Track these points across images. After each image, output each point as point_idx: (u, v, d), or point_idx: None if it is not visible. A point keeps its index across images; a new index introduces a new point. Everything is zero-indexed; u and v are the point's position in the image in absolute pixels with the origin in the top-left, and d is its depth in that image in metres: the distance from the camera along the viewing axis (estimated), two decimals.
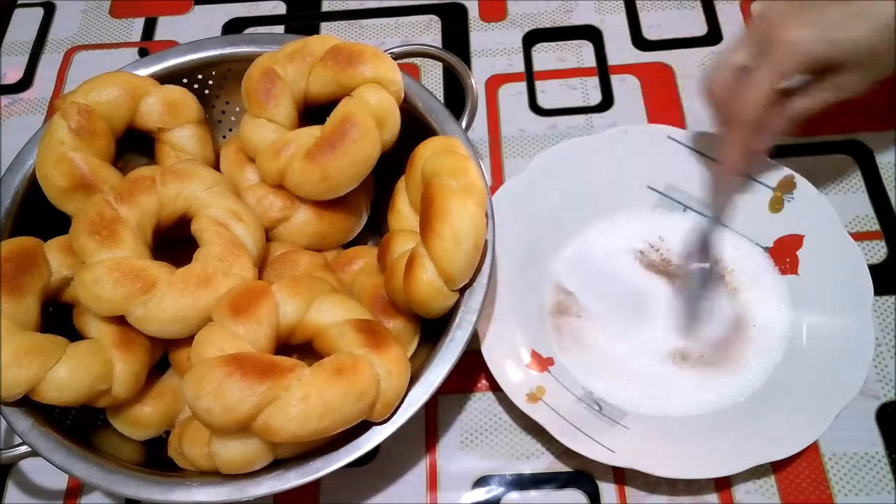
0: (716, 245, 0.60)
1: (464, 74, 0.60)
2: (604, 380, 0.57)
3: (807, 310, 0.58)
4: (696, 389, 0.57)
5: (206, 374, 0.44)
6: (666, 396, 0.57)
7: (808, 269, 0.59)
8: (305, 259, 0.56)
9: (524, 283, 0.60)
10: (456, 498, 0.56)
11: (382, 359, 0.47)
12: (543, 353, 0.58)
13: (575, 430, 0.53)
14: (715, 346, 0.58)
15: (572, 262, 0.62)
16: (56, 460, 0.48)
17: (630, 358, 0.58)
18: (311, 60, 0.57)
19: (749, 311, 0.59)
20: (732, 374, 0.57)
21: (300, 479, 0.47)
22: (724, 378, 0.57)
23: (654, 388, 0.57)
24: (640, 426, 0.55)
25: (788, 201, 0.61)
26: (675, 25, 0.76)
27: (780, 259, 0.60)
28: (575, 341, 0.59)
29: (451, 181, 0.50)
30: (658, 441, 0.54)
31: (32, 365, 0.47)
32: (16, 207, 0.57)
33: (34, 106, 0.78)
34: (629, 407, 0.56)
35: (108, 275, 0.49)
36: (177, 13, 0.83)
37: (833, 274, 0.58)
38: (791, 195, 0.60)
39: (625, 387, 0.57)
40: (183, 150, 0.59)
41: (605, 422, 0.55)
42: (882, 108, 0.68)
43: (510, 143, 0.71)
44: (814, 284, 0.58)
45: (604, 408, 0.56)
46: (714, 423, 0.55)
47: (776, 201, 0.61)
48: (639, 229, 0.63)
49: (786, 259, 0.60)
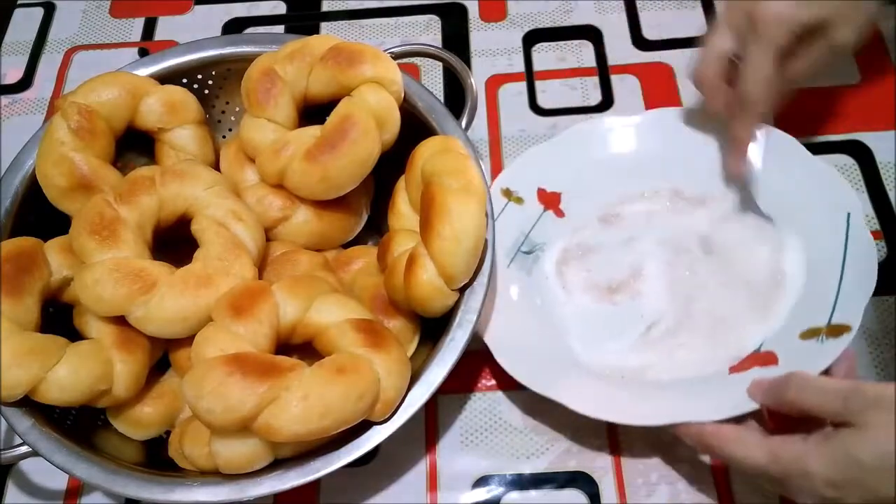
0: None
1: (464, 74, 0.60)
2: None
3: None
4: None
5: (206, 374, 0.44)
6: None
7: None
8: (305, 259, 0.56)
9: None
10: (456, 498, 0.56)
11: (382, 358, 0.47)
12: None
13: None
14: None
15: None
16: (57, 461, 0.48)
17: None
18: (311, 60, 0.57)
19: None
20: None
21: (300, 479, 0.47)
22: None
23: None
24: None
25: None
26: (675, 25, 0.76)
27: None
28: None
29: (451, 181, 0.50)
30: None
31: (33, 365, 0.47)
32: (16, 207, 0.57)
33: (34, 106, 0.78)
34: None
35: (109, 275, 0.49)
36: (177, 13, 0.83)
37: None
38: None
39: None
40: (183, 150, 0.59)
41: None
42: (882, 108, 0.68)
43: (510, 143, 0.71)
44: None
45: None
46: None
47: None
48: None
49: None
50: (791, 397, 0.45)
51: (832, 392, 0.43)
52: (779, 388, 0.46)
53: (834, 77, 0.70)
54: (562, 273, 0.61)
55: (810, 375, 0.46)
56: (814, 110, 0.69)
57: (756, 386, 0.49)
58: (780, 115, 0.68)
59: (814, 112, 0.68)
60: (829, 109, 0.69)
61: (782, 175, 0.60)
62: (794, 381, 0.45)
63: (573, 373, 0.55)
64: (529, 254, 0.62)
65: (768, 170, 0.60)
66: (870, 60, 0.71)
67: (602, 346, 0.57)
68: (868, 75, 0.70)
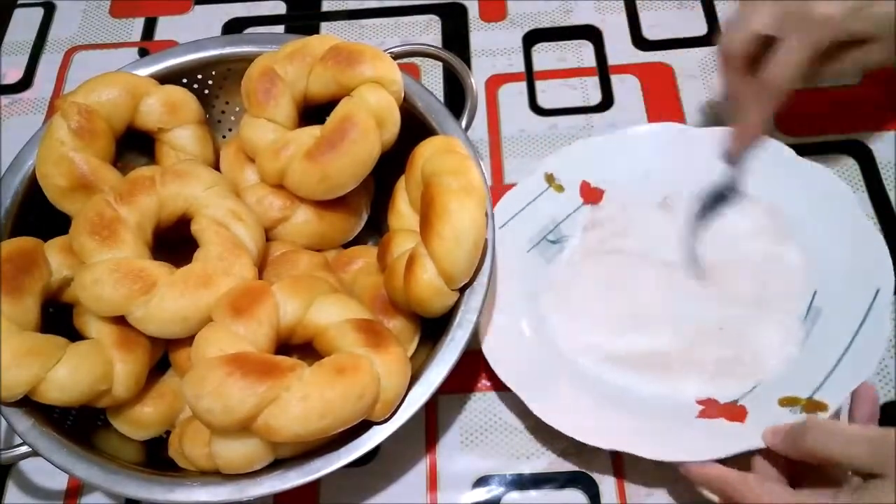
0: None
1: (464, 74, 0.60)
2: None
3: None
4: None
5: (206, 374, 0.44)
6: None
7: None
8: (305, 259, 0.56)
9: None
10: (456, 498, 0.56)
11: (383, 358, 0.47)
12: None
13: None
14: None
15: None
16: (56, 460, 0.48)
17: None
18: (311, 60, 0.57)
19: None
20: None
21: (300, 479, 0.47)
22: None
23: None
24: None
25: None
26: (675, 25, 0.76)
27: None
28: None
29: (450, 181, 0.50)
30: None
31: (33, 365, 0.47)
32: (16, 207, 0.57)
33: (34, 106, 0.78)
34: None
35: (109, 275, 0.49)
36: (177, 13, 0.83)
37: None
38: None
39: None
40: (183, 150, 0.59)
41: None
42: (882, 108, 0.68)
43: (510, 143, 0.71)
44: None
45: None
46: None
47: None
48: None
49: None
50: (810, 445, 0.43)
51: (858, 440, 0.41)
52: (797, 435, 0.44)
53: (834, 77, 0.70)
54: (579, 269, 0.61)
55: (831, 422, 0.45)
56: (814, 110, 0.69)
57: (773, 432, 0.47)
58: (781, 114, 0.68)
59: (814, 112, 0.68)
60: (829, 109, 0.69)
61: (824, 233, 0.57)
62: (815, 427, 0.44)
63: (567, 384, 0.55)
64: (555, 243, 0.62)
65: (810, 217, 0.58)
66: None
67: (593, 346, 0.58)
68: (868, 75, 0.70)
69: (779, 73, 0.53)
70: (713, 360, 0.56)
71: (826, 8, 0.51)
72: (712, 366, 0.55)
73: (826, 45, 0.52)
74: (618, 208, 0.63)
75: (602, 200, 0.63)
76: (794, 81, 0.53)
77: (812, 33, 0.51)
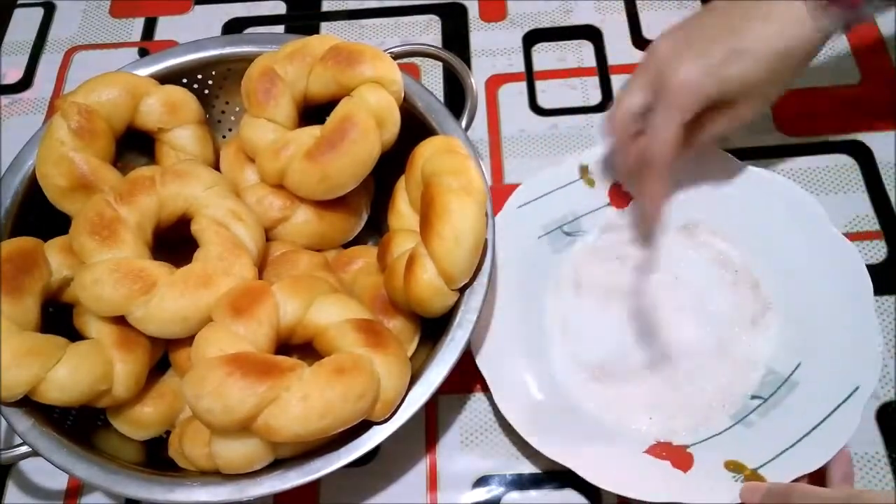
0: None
1: (464, 74, 0.60)
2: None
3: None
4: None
5: (206, 374, 0.44)
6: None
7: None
8: (305, 259, 0.56)
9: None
10: (456, 498, 0.56)
11: (382, 359, 0.47)
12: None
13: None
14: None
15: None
16: (56, 460, 0.48)
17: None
18: (311, 60, 0.57)
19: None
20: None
21: (300, 479, 0.47)
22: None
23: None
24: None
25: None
26: None
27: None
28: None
29: (450, 181, 0.50)
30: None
31: (33, 365, 0.47)
32: (16, 207, 0.57)
33: (34, 106, 0.78)
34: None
35: (109, 275, 0.49)
36: (177, 13, 0.83)
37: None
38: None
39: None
40: (183, 150, 0.59)
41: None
42: (882, 108, 0.68)
43: (510, 143, 0.71)
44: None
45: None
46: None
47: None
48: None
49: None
50: None
51: (832, 501, 0.43)
52: (780, 497, 0.47)
53: (834, 77, 0.70)
54: (582, 267, 0.61)
55: (810, 486, 0.47)
56: (814, 110, 0.69)
57: (751, 490, 0.48)
58: (781, 115, 0.68)
59: (814, 112, 0.68)
60: (829, 109, 0.69)
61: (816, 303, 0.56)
62: (797, 491, 0.46)
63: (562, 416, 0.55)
64: (569, 235, 0.62)
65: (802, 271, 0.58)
66: (870, 60, 0.71)
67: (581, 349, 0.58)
68: (868, 75, 0.70)
69: (654, 148, 0.52)
70: (680, 398, 0.56)
71: (683, 74, 0.51)
72: (677, 403, 0.56)
73: (694, 113, 0.52)
74: (638, 220, 0.62)
75: (628, 207, 0.63)
76: (668, 154, 0.52)
77: (675, 101, 0.51)
